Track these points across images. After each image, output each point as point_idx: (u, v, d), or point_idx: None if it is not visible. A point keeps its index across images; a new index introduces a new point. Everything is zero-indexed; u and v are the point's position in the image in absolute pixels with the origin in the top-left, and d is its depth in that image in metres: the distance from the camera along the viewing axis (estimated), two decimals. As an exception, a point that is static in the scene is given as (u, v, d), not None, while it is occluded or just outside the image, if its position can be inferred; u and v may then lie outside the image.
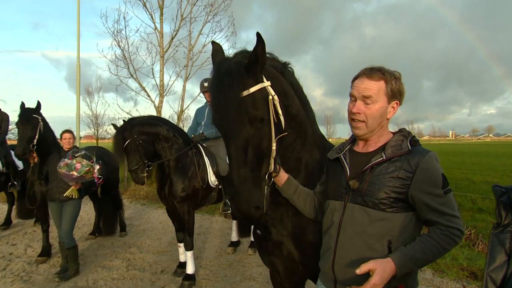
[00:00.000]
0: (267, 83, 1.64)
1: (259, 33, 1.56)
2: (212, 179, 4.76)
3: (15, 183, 6.49)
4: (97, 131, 23.81)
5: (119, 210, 6.84)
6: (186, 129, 5.50)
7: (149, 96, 11.38)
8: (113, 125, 4.69)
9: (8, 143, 6.94)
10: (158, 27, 11.07)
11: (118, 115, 11.98)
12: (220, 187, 4.89)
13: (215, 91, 1.64)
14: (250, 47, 1.80)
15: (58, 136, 5.29)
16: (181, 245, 4.82)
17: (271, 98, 1.63)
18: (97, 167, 4.64)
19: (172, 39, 11.17)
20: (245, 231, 5.78)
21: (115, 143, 4.35)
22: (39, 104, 5.19)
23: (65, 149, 4.92)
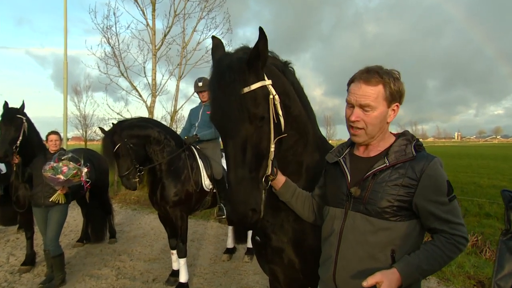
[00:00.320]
0: (268, 82, 1.65)
1: (261, 28, 1.56)
2: (206, 182, 4.76)
3: (-3, 187, 6.43)
4: (86, 133, 23.72)
5: (109, 215, 6.81)
6: (179, 131, 5.49)
7: (141, 96, 11.38)
8: (100, 128, 4.68)
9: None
10: (150, 23, 11.06)
11: (108, 115, 12.00)
12: (214, 191, 4.89)
13: (214, 87, 1.64)
14: (247, 45, 1.81)
15: (43, 137, 5.26)
16: (174, 252, 4.80)
17: (271, 97, 1.64)
18: (85, 170, 4.61)
19: (164, 36, 11.16)
20: (241, 237, 5.77)
21: (104, 147, 4.33)
22: (23, 103, 5.16)
23: (51, 152, 4.89)
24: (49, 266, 4.83)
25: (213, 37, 1.89)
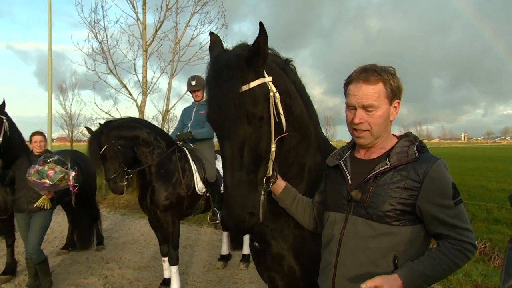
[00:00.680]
0: (268, 79, 1.67)
1: (261, 22, 1.57)
2: (199, 185, 4.75)
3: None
4: (72, 133, 23.53)
5: (96, 221, 6.78)
6: (172, 131, 5.48)
7: (131, 94, 11.37)
8: (87, 128, 4.66)
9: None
10: (140, 17, 11.07)
11: (95, 115, 11.94)
12: (208, 194, 4.88)
13: (211, 85, 1.65)
14: (246, 42, 1.83)
15: (27, 138, 5.22)
16: (165, 259, 4.78)
17: (272, 95, 1.65)
18: (73, 173, 4.59)
19: (156, 31, 11.15)
20: (236, 243, 5.78)
21: (90, 149, 4.31)
22: (4, 102, 5.12)
23: (36, 154, 4.85)
24: (31, 275, 4.80)
25: (211, 33, 1.90)
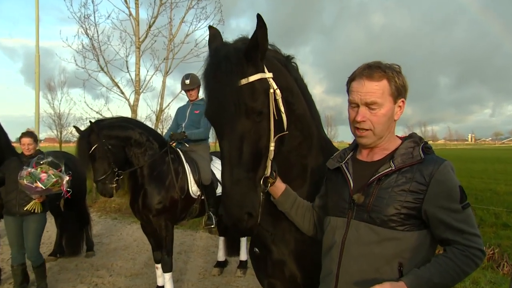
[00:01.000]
0: (269, 75, 1.68)
1: (259, 15, 1.58)
2: (193, 188, 4.73)
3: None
4: (61, 133, 23.52)
5: (86, 226, 6.75)
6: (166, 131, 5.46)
7: (123, 93, 11.37)
8: (75, 128, 4.65)
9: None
10: (133, 12, 11.07)
11: (85, 114, 11.88)
12: (202, 198, 4.87)
13: (210, 78, 1.67)
14: (246, 36, 1.81)
15: (13, 139, 5.18)
16: (159, 266, 4.77)
17: (272, 91, 1.67)
18: (67, 178, 4.58)
19: (149, 27, 11.15)
20: (233, 249, 5.78)
21: (79, 148, 4.29)
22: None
23: (26, 155, 4.80)
24: (17, 283, 4.78)
25: (210, 27, 1.94)
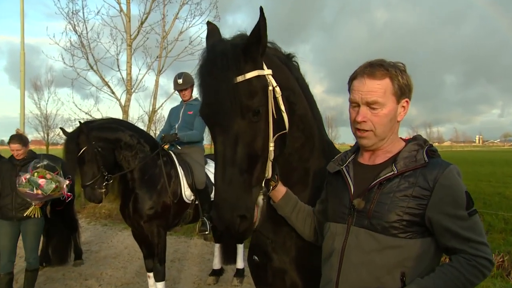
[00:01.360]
0: (267, 71, 1.69)
1: (262, 7, 1.59)
2: (186, 193, 4.73)
3: None
4: (47, 135, 23.43)
5: (74, 233, 6.74)
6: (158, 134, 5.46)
7: (114, 92, 11.37)
8: (62, 130, 4.65)
9: None
10: (124, 8, 11.05)
11: (74, 115, 11.87)
12: (196, 202, 4.86)
13: (205, 74, 1.68)
14: (245, 33, 1.82)
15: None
16: (151, 275, 4.77)
17: (271, 89, 1.67)
18: (67, 182, 4.65)
19: (141, 24, 11.18)
20: (229, 256, 5.77)
21: (67, 150, 4.28)
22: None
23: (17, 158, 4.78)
24: (3, 291, 4.77)
25: (208, 22, 1.95)
